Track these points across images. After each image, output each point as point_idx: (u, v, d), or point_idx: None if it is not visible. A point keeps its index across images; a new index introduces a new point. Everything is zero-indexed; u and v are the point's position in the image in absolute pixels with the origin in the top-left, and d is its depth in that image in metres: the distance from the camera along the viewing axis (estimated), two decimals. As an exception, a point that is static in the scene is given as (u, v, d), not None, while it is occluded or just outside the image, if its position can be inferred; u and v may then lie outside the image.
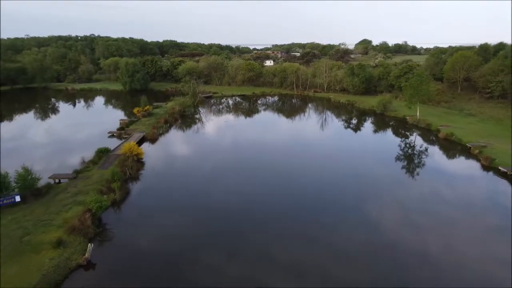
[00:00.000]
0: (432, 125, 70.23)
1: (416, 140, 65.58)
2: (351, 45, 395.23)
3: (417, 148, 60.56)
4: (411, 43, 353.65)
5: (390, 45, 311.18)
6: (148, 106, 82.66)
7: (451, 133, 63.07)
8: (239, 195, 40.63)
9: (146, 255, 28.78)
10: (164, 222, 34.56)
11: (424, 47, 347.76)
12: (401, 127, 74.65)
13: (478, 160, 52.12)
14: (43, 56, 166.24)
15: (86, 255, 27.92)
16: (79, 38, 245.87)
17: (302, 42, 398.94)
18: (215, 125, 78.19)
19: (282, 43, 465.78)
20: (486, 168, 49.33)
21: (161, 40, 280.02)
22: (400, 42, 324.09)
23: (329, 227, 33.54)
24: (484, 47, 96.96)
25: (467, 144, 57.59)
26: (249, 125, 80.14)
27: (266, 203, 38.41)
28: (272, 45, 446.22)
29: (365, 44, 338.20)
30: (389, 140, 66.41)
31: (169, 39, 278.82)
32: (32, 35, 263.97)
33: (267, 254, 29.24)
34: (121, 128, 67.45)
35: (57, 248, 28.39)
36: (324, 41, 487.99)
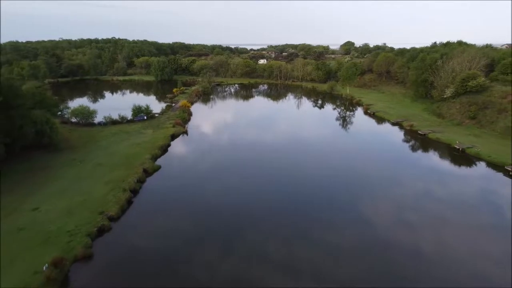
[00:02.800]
0: (354, 97, 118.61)
1: (343, 104, 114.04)
2: (336, 46, 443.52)
3: (342, 107, 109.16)
4: (390, 44, 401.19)
5: (371, 46, 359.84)
6: (182, 88, 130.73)
7: (359, 100, 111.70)
8: (232, 125, 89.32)
9: (199, 137, 77.21)
10: (204, 130, 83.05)
11: (402, 47, 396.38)
12: (338, 99, 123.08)
13: (368, 111, 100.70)
14: (82, 55, 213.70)
15: (185, 129, 76.21)
16: (102, 40, 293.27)
17: (295, 43, 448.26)
18: (223, 99, 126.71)
19: (277, 43, 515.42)
20: (366, 113, 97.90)
21: (171, 42, 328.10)
22: (380, 44, 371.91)
23: (299, 163, 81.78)
24: (401, 50, 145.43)
25: (364, 104, 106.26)
26: (244, 101, 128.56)
27: (248, 134, 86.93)
28: (268, 46, 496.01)
29: (348, 46, 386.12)
30: (330, 105, 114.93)
31: (178, 41, 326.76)
32: (50, 37, 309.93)
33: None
34: (171, 98, 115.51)
35: (173, 128, 76.33)
36: (317, 41, 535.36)
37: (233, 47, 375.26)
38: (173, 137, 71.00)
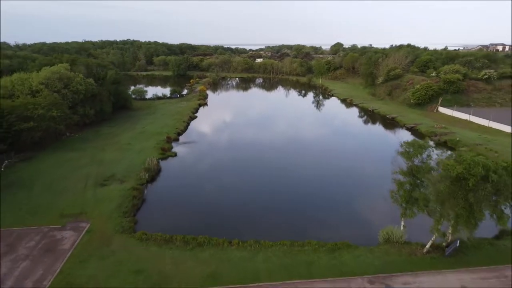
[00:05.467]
0: (323, 86, 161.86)
1: (315, 90, 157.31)
2: (327, 46, 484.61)
3: (314, 92, 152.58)
4: (377, 45, 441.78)
5: (359, 47, 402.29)
6: (197, 79, 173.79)
7: (327, 87, 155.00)
8: (233, 101, 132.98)
9: (214, 106, 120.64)
10: (216, 103, 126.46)
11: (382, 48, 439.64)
12: (313, 88, 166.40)
13: (329, 94, 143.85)
14: (106, 55, 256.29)
15: (205, 102, 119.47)
16: (121, 41, 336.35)
17: (291, 44, 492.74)
18: (227, 88, 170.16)
19: (276, 43, 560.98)
20: (329, 95, 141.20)
21: (178, 43, 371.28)
22: (367, 45, 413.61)
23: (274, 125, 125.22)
24: (363, 50, 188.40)
25: (329, 89, 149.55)
26: (243, 89, 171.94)
27: (243, 112, 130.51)
28: (266, 46, 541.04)
29: (337, 47, 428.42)
30: (308, 92, 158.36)
31: (186, 43, 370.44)
32: (50, 37, 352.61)
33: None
34: (190, 86, 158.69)
35: (198, 101, 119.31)
36: (314, 42, 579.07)
37: (233, 47, 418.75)
38: (200, 105, 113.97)
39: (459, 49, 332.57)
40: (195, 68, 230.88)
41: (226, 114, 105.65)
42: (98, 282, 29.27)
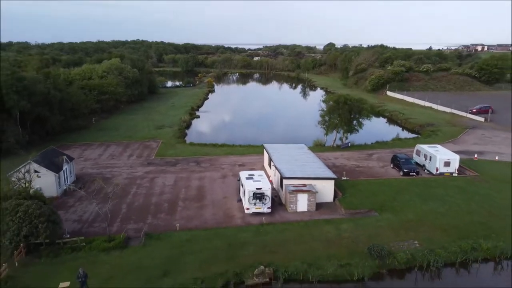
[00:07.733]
0: (309, 79, 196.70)
1: (301, 82, 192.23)
2: (322, 45, 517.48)
3: (302, 86, 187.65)
4: (365, 45, 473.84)
5: (350, 46, 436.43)
6: (204, 74, 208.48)
7: (311, 79, 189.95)
8: (238, 85, 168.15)
9: (220, 92, 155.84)
10: (221, 90, 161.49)
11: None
12: (300, 81, 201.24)
13: (311, 84, 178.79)
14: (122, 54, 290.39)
15: (214, 89, 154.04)
16: (132, 41, 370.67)
17: (287, 44, 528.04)
18: (229, 81, 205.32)
19: (274, 43, 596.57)
20: (311, 86, 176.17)
21: (182, 43, 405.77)
22: (357, 44, 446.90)
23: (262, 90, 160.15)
24: (343, 49, 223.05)
25: (312, 81, 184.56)
26: (242, 82, 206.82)
27: (245, 88, 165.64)
28: (263, 46, 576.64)
29: (329, 47, 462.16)
30: (295, 85, 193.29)
31: (189, 43, 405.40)
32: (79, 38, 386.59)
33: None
34: (198, 78, 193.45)
35: (207, 88, 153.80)
36: (311, 41, 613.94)
37: (233, 47, 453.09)
38: (209, 91, 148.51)
39: (442, 49, 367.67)
40: (201, 65, 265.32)
41: (229, 97, 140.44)
42: (177, 155, 63.85)
